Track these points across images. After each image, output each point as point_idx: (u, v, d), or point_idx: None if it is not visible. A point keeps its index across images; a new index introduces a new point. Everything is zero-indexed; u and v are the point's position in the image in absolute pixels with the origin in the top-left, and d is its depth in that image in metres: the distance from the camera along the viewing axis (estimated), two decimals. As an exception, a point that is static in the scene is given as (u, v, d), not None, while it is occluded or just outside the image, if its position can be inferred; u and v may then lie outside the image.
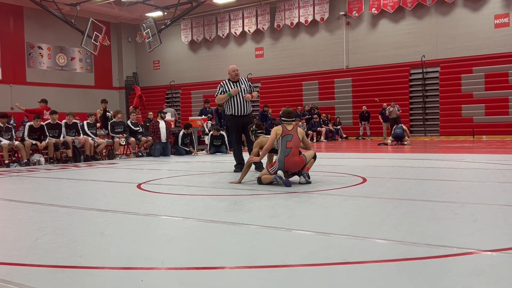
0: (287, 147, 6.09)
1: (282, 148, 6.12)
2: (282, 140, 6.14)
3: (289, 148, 6.08)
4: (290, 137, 6.14)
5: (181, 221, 4.08)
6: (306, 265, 2.68)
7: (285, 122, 6.31)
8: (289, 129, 6.21)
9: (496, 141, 16.43)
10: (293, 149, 6.09)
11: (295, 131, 6.21)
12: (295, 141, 6.13)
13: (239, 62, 25.71)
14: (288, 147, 6.08)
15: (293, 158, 6.07)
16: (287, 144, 6.10)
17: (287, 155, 6.05)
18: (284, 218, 4.03)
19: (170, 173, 8.46)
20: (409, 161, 9.41)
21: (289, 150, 6.07)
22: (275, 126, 6.46)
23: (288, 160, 6.05)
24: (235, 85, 7.93)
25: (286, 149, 6.08)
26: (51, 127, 11.32)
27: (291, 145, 6.10)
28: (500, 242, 3.05)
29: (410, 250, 2.93)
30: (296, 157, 6.11)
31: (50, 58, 26.65)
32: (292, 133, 6.17)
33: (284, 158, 6.05)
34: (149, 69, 30.11)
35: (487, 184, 5.73)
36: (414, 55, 21.12)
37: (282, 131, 6.20)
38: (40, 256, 3.04)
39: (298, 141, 6.19)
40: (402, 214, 4.06)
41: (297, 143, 6.18)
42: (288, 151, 6.07)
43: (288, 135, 6.15)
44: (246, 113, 8.02)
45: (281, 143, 6.14)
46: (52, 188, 6.77)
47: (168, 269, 2.69)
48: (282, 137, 6.15)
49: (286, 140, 6.12)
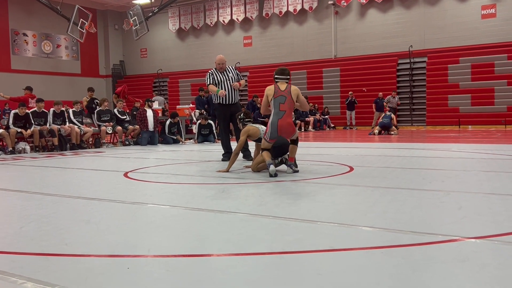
0: (280, 109, 5.79)
1: (275, 111, 5.83)
2: (275, 102, 5.83)
3: (282, 111, 5.79)
4: (283, 99, 5.80)
5: (168, 209, 4.07)
6: (292, 252, 2.69)
7: (278, 81, 5.95)
8: (282, 89, 5.85)
9: (482, 131, 16.60)
10: (287, 111, 5.80)
11: (288, 92, 5.85)
12: (288, 103, 5.82)
13: (228, 50, 25.57)
14: (282, 110, 5.79)
15: (286, 120, 5.81)
16: (280, 107, 5.79)
17: (281, 117, 5.79)
18: (272, 206, 4.04)
19: (157, 161, 8.43)
20: (396, 150, 9.47)
21: (283, 113, 5.79)
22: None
23: (282, 123, 5.78)
24: (222, 74, 7.93)
25: (280, 112, 5.80)
26: (36, 115, 11.19)
27: (285, 108, 5.80)
28: (484, 230, 3.09)
29: (395, 237, 2.96)
30: (289, 119, 5.82)
31: (35, 45, 26.28)
32: (285, 94, 5.83)
33: (278, 121, 5.78)
34: (136, 57, 29.85)
35: (472, 173, 5.80)
36: (401, 45, 21.19)
37: (274, 91, 5.87)
38: (25, 243, 3.02)
39: (292, 103, 5.85)
40: (388, 202, 4.10)
41: (291, 105, 5.86)
42: (282, 114, 5.79)
43: (281, 97, 5.81)
44: (234, 101, 8.03)
45: (273, 105, 5.84)
46: (37, 176, 6.71)
47: (154, 257, 2.69)
48: (275, 99, 5.83)
49: (279, 102, 5.80)
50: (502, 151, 8.49)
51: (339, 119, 22.04)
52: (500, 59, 18.94)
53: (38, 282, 2.28)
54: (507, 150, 8.68)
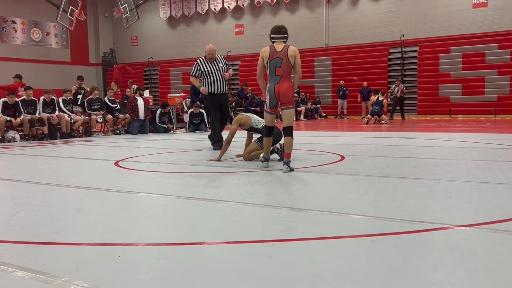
0: (276, 74, 5.30)
1: (271, 75, 5.35)
2: (270, 66, 5.32)
3: (279, 76, 5.30)
4: (279, 62, 5.26)
5: (159, 198, 4.06)
6: (284, 240, 2.70)
7: (275, 41, 5.41)
8: (278, 50, 5.30)
9: (472, 120, 16.71)
10: (283, 75, 5.30)
11: (285, 53, 5.28)
12: (285, 67, 5.28)
13: (219, 39, 25.42)
14: (278, 74, 5.30)
15: (284, 84, 5.32)
16: (276, 71, 5.30)
17: (277, 82, 5.31)
18: (263, 195, 4.04)
19: (148, 150, 8.39)
20: (387, 139, 9.51)
21: (279, 77, 5.30)
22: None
23: (279, 88, 5.32)
24: (212, 64, 7.94)
25: (276, 77, 5.31)
26: (26, 104, 11.08)
27: (281, 71, 5.29)
28: (474, 218, 3.12)
29: (386, 225, 2.98)
30: (287, 83, 5.32)
31: (24, 33, 25.94)
32: (281, 55, 5.27)
33: (275, 86, 5.32)
34: (126, 45, 29.57)
35: (462, 162, 5.84)
36: (393, 34, 21.17)
37: (269, 53, 5.33)
38: (15, 232, 3.00)
39: (289, 66, 5.29)
40: (379, 191, 4.12)
41: (288, 68, 5.31)
42: (279, 79, 5.30)
43: (277, 59, 5.27)
44: (224, 91, 8.08)
45: (269, 69, 5.36)
46: (27, 165, 6.66)
47: (146, 245, 2.69)
48: (270, 62, 5.31)
49: (275, 65, 5.28)
50: (492, 140, 8.55)
51: (330, 108, 22.05)
52: (491, 48, 19.01)
53: (28, 270, 2.27)
54: (497, 139, 8.75)
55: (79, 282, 2.11)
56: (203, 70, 7.89)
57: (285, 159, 5.34)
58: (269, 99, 5.43)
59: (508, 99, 18.47)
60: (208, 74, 7.88)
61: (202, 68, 7.90)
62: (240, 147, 7.44)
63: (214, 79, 7.88)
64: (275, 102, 5.45)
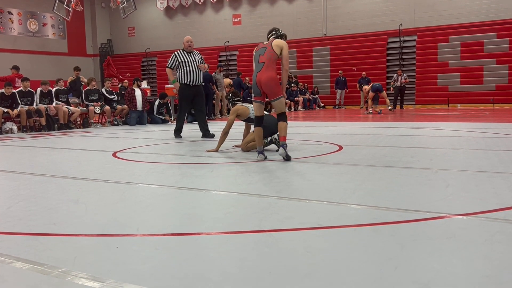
0: (259, 62, 5.43)
1: (255, 64, 5.51)
2: (255, 56, 5.51)
3: (261, 63, 5.40)
4: (263, 51, 5.42)
5: (157, 189, 4.06)
6: (281, 230, 2.70)
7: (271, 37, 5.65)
8: (264, 43, 5.56)
9: (470, 109, 16.70)
10: (266, 62, 5.37)
11: (270, 44, 5.47)
12: (268, 54, 5.38)
13: (216, 29, 25.32)
14: (261, 61, 5.41)
15: (266, 73, 5.36)
16: (259, 59, 5.44)
17: (260, 70, 5.40)
18: (261, 185, 4.04)
19: (146, 141, 8.38)
20: (385, 129, 9.51)
21: (262, 65, 5.39)
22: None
23: (260, 76, 5.37)
24: (189, 55, 8.25)
25: (258, 64, 5.44)
26: (23, 95, 11.04)
27: (264, 59, 5.39)
28: (471, 207, 3.12)
29: (383, 214, 2.98)
30: (269, 72, 5.36)
31: (21, 24, 25.78)
32: (266, 46, 5.47)
33: (257, 74, 5.41)
34: (123, 36, 29.42)
35: (460, 151, 5.84)
36: (391, 23, 21.10)
37: (257, 47, 5.61)
38: (13, 223, 3.00)
39: (272, 54, 5.37)
40: (376, 180, 4.12)
41: (271, 56, 5.37)
42: (261, 66, 5.39)
43: (261, 49, 5.47)
44: (199, 83, 8.35)
45: (254, 59, 5.54)
46: (25, 156, 6.65)
47: (143, 236, 2.69)
48: (256, 52, 5.53)
49: (259, 54, 5.46)
50: (490, 129, 8.56)
51: (328, 98, 22.02)
52: (489, 37, 18.96)
53: (26, 261, 2.27)
54: (495, 128, 8.75)
55: (77, 272, 2.11)
56: (180, 61, 8.19)
57: (281, 142, 5.42)
58: (253, 86, 5.56)
59: (506, 88, 18.47)
60: (184, 65, 8.19)
61: (179, 59, 8.20)
62: (238, 137, 7.43)
63: (190, 69, 8.20)
64: (258, 91, 5.51)
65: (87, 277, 2.06)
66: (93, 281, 2.01)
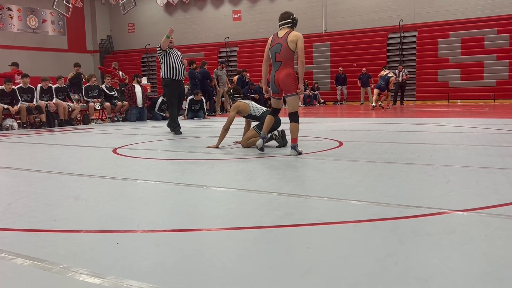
0: (276, 60, 5.42)
1: (272, 61, 5.49)
2: (272, 52, 5.46)
3: (278, 62, 5.42)
4: (279, 48, 5.37)
5: (157, 185, 4.06)
6: (281, 226, 2.71)
7: (281, 27, 5.55)
8: (279, 37, 5.43)
9: (470, 105, 16.68)
10: (283, 62, 5.39)
11: (285, 39, 5.37)
12: (284, 53, 5.36)
13: (216, 25, 25.28)
14: (278, 60, 5.42)
15: (283, 71, 5.40)
16: (276, 57, 5.42)
17: (277, 69, 5.44)
18: (261, 181, 4.05)
19: (146, 138, 8.38)
20: (385, 125, 9.51)
21: (279, 64, 5.42)
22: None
23: (278, 75, 5.43)
24: (172, 51, 8.60)
25: (276, 63, 5.45)
26: (23, 91, 11.02)
27: (281, 58, 5.39)
28: (471, 203, 3.12)
29: (383, 210, 2.98)
30: (287, 69, 5.39)
31: (20, 20, 25.74)
32: (281, 41, 5.38)
33: (275, 73, 5.45)
34: (123, 32, 29.38)
35: (460, 147, 5.84)
36: (392, 19, 21.05)
37: (272, 39, 5.50)
38: (13, 220, 3.00)
39: (288, 52, 5.36)
40: (376, 176, 4.12)
41: (288, 54, 5.37)
42: (278, 65, 5.43)
43: (277, 45, 5.40)
44: (182, 77, 8.67)
45: (271, 55, 5.50)
46: (25, 153, 6.65)
47: (144, 232, 2.69)
48: (271, 48, 5.46)
49: (275, 51, 5.42)
50: (490, 125, 8.55)
51: (329, 94, 22.00)
52: (490, 33, 18.92)
53: (27, 257, 2.28)
54: (495, 124, 8.75)
55: (78, 269, 2.11)
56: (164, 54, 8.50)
57: (292, 144, 5.45)
58: (270, 84, 5.60)
59: (506, 84, 18.44)
60: (168, 59, 8.50)
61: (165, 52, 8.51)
62: (238, 134, 7.43)
63: (175, 65, 8.49)
64: (276, 89, 5.59)
65: (87, 273, 2.06)
66: (93, 277, 2.01)
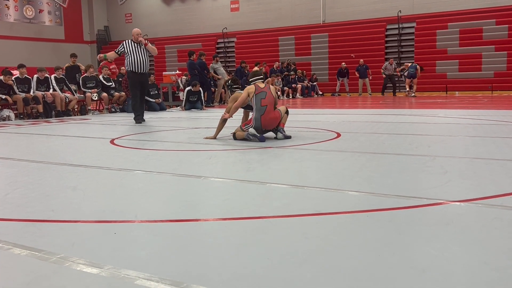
0: (262, 105, 5.97)
1: (257, 107, 5.99)
2: (256, 98, 6.00)
3: (264, 106, 5.97)
4: (264, 95, 6.01)
5: (155, 176, 4.05)
6: (279, 217, 2.71)
7: (255, 82, 6.19)
8: (261, 87, 6.07)
9: (468, 97, 16.68)
10: (268, 106, 5.98)
11: (268, 88, 6.08)
12: (269, 98, 6.01)
13: (214, 16, 25.15)
14: (263, 105, 5.97)
15: (269, 115, 5.99)
16: (261, 102, 5.98)
17: (263, 113, 5.96)
18: (259, 172, 4.05)
19: (144, 128, 8.37)
20: (383, 116, 9.50)
21: (265, 108, 5.97)
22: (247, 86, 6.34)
23: (265, 118, 5.97)
24: (136, 45, 9.05)
25: (262, 107, 5.97)
26: (20, 82, 10.97)
27: (266, 102, 5.98)
28: (469, 193, 3.13)
29: (381, 201, 2.99)
30: (272, 114, 6.02)
31: (17, 10, 25.57)
32: (265, 90, 6.04)
33: (261, 117, 5.95)
34: (121, 22, 29.23)
35: (458, 138, 5.85)
36: (390, 10, 20.99)
37: (255, 89, 6.05)
38: (10, 210, 3.00)
39: (272, 98, 6.05)
40: (374, 167, 4.13)
41: (272, 100, 6.05)
42: (264, 109, 5.96)
43: (262, 93, 6.02)
44: (145, 71, 9.12)
45: (255, 101, 6.02)
46: (23, 144, 6.64)
47: (141, 222, 2.69)
48: (256, 95, 6.01)
49: (260, 98, 5.98)
50: (488, 117, 8.56)
51: (327, 85, 21.97)
52: (488, 24, 18.89)
53: (24, 247, 2.27)
54: (493, 116, 8.75)
55: (75, 259, 2.11)
56: (127, 50, 8.98)
57: (279, 128, 6.10)
58: (254, 125, 6.02)
59: (504, 76, 18.44)
60: (131, 54, 8.96)
61: (125, 49, 9.01)
62: (235, 125, 7.41)
63: (137, 58, 8.96)
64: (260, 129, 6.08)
65: (85, 263, 2.06)
66: (91, 267, 2.01)
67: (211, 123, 8.54)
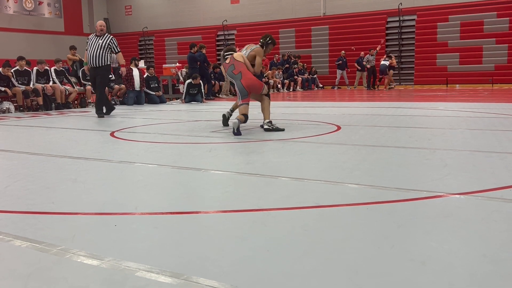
0: (235, 73, 6.27)
1: (234, 77, 6.27)
2: (229, 73, 6.34)
3: (238, 73, 6.24)
4: (232, 67, 6.32)
5: (155, 168, 4.06)
6: (279, 209, 2.71)
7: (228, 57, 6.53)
8: (227, 62, 6.43)
9: (469, 89, 16.66)
10: (242, 70, 6.25)
11: (232, 59, 6.37)
12: (238, 65, 6.29)
13: (214, 8, 25.05)
14: (237, 72, 6.26)
15: (246, 76, 6.22)
16: (235, 71, 6.28)
17: (241, 77, 6.21)
18: (259, 165, 4.05)
19: (144, 121, 8.36)
20: (383, 109, 9.49)
21: (239, 74, 6.23)
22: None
23: (245, 81, 6.17)
24: (96, 39, 9.06)
25: (237, 75, 6.25)
26: (19, 74, 10.95)
27: (238, 69, 6.26)
28: (468, 186, 3.13)
29: (381, 194, 2.99)
30: (248, 75, 6.26)
31: (16, 2, 25.45)
32: (231, 62, 6.35)
33: (241, 82, 6.18)
34: (120, 14, 29.11)
35: (458, 131, 5.84)
36: (391, 2, 20.90)
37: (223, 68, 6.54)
38: (11, 202, 3.00)
39: (240, 63, 6.31)
40: (374, 160, 4.13)
41: (241, 65, 6.30)
42: (240, 75, 6.23)
43: (230, 66, 6.34)
44: (97, 65, 9.04)
45: (231, 75, 6.32)
46: (23, 136, 6.63)
47: (142, 214, 2.70)
48: (227, 71, 6.38)
49: (231, 70, 6.31)
50: (488, 110, 8.55)
51: (327, 78, 21.92)
52: (489, 17, 18.82)
53: (25, 239, 2.28)
54: (493, 109, 8.74)
55: (76, 250, 2.12)
56: (88, 44, 9.07)
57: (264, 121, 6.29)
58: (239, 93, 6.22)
59: (505, 69, 18.40)
60: (89, 47, 9.02)
61: (88, 42, 9.11)
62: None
63: (91, 52, 9.00)
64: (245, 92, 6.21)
65: (86, 254, 2.07)
66: (91, 259, 2.02)
67: (211, 116, 8.54)
